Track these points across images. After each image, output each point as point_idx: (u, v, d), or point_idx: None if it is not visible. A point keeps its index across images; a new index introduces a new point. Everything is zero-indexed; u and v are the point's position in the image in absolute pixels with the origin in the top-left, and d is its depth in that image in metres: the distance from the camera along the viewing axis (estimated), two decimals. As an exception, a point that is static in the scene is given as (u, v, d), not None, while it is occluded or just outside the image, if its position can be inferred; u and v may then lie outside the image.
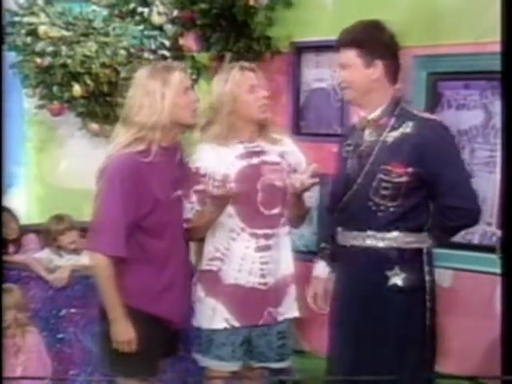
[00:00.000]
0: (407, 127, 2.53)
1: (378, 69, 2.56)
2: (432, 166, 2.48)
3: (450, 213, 2.50)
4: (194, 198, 2.78)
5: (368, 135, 2.60)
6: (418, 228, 2.55)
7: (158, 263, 2.70)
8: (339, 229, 2.67)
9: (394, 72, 2.60)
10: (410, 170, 2.48)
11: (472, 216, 2.53)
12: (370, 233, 2.55)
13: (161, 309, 2.69)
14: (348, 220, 2.60)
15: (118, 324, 2.63)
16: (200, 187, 2.77)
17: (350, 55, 2.56)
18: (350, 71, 2.57)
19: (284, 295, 2.84)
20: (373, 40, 2.56)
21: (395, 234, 2.53)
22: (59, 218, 4.00)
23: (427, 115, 2.68)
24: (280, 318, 2.82)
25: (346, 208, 2.61)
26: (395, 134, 2.54)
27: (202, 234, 2.82)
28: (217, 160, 2.77)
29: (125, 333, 2.63)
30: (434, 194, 2.52)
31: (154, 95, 2.63)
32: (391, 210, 2.52)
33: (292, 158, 2.88)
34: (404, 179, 2.49)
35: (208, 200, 2.72)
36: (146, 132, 2.63)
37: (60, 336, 3.72)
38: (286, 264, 2.86)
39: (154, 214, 2.65)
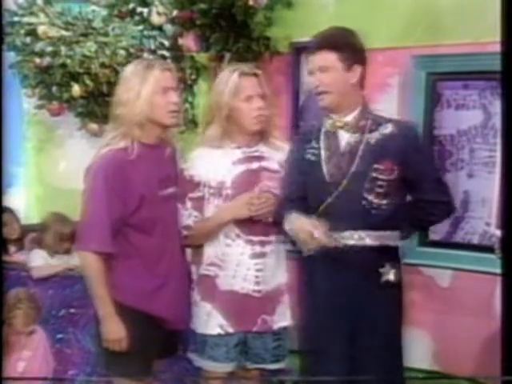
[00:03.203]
0: (386, 128, 2.62)
1: (357, 73, 2.61)
2: (416, 164, 2.61)
3: (433, 208, 2.66)
4: (188, 204, 2.78)
5: (348, 137, 2.63)
6: (399, 226, 2.66)
7: (149, 260, 2.70)
8: None
9: (364, 78, 2.67)
10: (397, 167, 2.58)
11: (451, 210, 2.74)
12: (365, 232, 2.58)
13: (153, 307, 2.69)
14: (335, 221, 2.57)
15: (108, 322, 2.64)
16: (194, 195, 2.78)
17: (332, 58, 2.58)
18: (331, 74, 2.59)
19: (278, 304, 2.83)
20: (352, 45, 2.62)
21: (387, 232, 2.61)
22: (64, 220, 3.93)
23: (399, 118, 2.78)
24: (275, 327, 2.82)
25: (332, 209, 2.59)
26: (376, 134, 2.61)
27: (202, 241, 2.82)
28: (212, 167, 2.76)
29: (115, 331, 2.64)
30: (416, 190, 2.64)
31: (132, 92, 2.65)
32: (383, 207, 2.58)
33: None
34: (393, 176, 2.58)
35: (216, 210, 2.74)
36: (126, 128, 2.65)
37: (59, 336, 3.72)
38: (280, 272, 2.85)
39: (140, 210, 2.66)
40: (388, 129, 2.61)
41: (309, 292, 2.70)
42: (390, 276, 2.61)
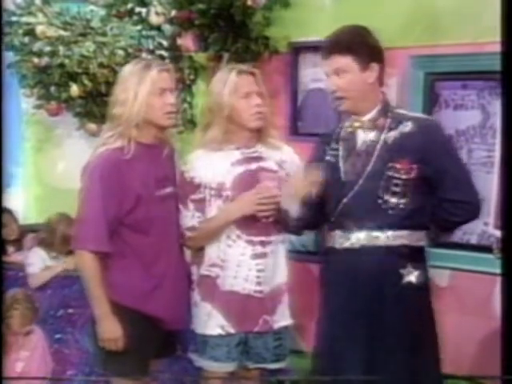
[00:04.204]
0: (405, 127, 2.56)
1: (374, 72, 2.57)
2: (437, 163, 2.53)
3: (454, 207, 2.54)
4: (191, 206, 2.78)
5: (364, 136, 2.59)
6: (423, 225, 2.59)
7: (145, 260, 2.70)
8: (337, 232, 2.62)
9: (382, 74, 2.62)
10: (416, 166, 2.51)
11: (474, 210, 2.59)
12: (382, 232, 2.54)
13: (150, 307, 2.69)
14: (352, 221, 2.57)
15: (104, 321, 2.64)
16: (196, 196, 2.78)
17: (347, 61, 2.54)
18: (348, 78, 2.55)
19: (279, 303, 2.84)
20: (366, 44, 2.57)
21: (406, 231, 2.55)
22: (70, 221, 3.80)
23: (421, 115, 2.72)
24: (275, 326, 2.82)
25: (348, 210, 2.57)
26: (394, 133, 2.56)
27: (206, 242, 2.81)
28: (211, 168, 2.76)
29: (111, 330, 2.64)
30: (437, 189, 2.55)
31: (128, 92, 2.65)
32: (401, 206, 2.53)
33: (290, 168, 2.86)
34: (412, 176, 2.52)
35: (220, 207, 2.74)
36: (123, 128, 2.65)
37: (58, 336, 3.72)
38: (281, 272, 2.85)
39: (137, 210, 2.65)
40: (408, 127, 2.55)
41: (327, 295, 2.67)
42: (412, 277, 2.55)
